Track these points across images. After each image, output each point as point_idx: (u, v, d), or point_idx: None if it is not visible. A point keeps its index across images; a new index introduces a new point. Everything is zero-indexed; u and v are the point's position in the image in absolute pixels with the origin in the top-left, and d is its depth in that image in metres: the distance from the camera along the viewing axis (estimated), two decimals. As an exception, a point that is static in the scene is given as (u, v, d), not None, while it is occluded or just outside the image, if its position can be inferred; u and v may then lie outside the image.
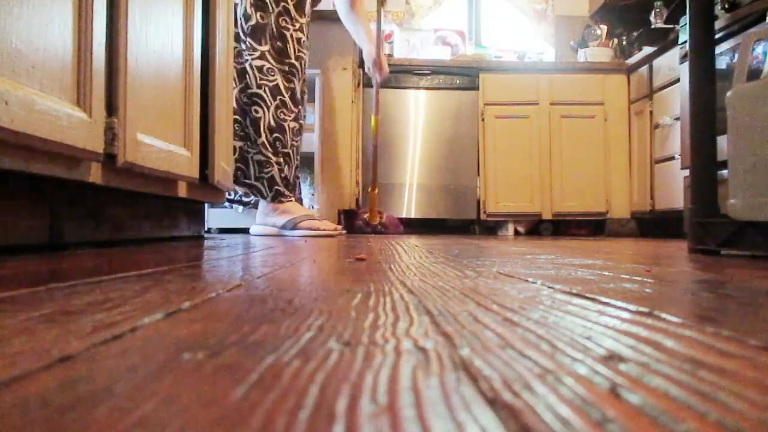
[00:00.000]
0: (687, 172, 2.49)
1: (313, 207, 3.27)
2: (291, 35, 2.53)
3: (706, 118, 1.35)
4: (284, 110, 2.52)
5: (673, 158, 2.97)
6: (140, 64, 1.21)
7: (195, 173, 1.59)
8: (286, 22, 2.51)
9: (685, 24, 1.67)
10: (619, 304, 0.45)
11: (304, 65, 2.62)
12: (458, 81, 3.45)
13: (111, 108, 1.11)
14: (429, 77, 3.43)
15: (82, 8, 0.98)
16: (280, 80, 2.51)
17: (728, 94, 1.22)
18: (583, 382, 0.23)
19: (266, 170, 2.52)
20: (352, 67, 3.24)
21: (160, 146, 1.33)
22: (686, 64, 1.96)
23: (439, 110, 3.44)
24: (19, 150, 0.86)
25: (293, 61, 2.55)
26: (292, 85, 2.54)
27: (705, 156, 1.35)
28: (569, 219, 3.50)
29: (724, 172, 1.23)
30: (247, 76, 2.48)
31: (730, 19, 2.31)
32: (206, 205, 2.64)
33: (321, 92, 3.35)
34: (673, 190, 2.96)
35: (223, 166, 1.91)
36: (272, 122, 2.50)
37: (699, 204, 1.33)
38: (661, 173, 3.14)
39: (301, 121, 2.63)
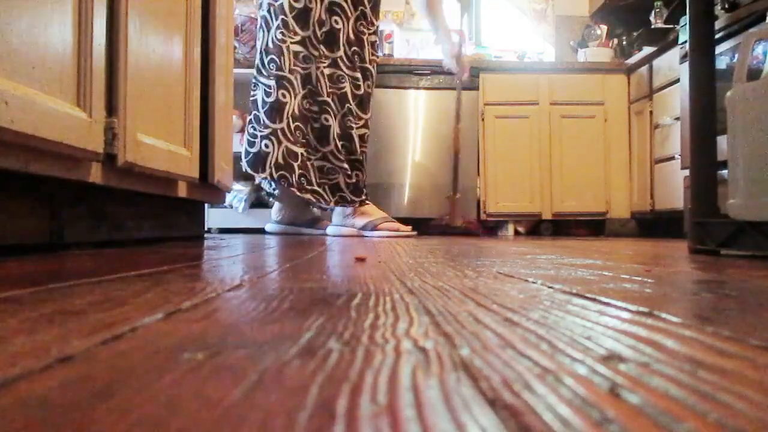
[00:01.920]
0: (687, 172, 2.49)
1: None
2: (367, 39, 2.54)
3: (706, 118, 1.35)
4: (350, 117, 2.53)
5: (673, 158, 2.97)
6: (140, 64, 1.21)
7: (195, 173, 1.59)
8: (363, 26, 2.52)
9: (685, 24, 1.67)
10: (619, 304, 0.45)
11: (375, 69, 2.63)
12: (458, 81, 3.45)
13: (111, 108, 1.11)
14: (429, 77, 3.43)
15: (82, 8, 0.98)
16: (348, 88, 2.51)
17: (728, 94, 1.22)
18: (583, 382, 0.23)
19: (331, 177, 2.54)
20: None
21: (160, 146, 1.33)
22: (686, 64, 1.96)
23: (439, 110, 3.43)
24: (19, 150, 0.86)
25: (367, 65, 2.56)
26: (360, 92, 2.54)
27: (705, 156, 1.35)
28: (569, 219, 3.50)
29: (724, 172, 1.23)
30: (318, 84, 2.48)
31: (730, 19, 2.31)
32: (206, 205, 2.64)
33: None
34: (673, 190, 2.96)
35: (223, 166, 1.91)
36: (339, 130, 2.51)
37: (699, 204, 1.33)
38: (661, 173, 3.14)
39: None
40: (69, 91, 0.96)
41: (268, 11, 2.51)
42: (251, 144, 2.55)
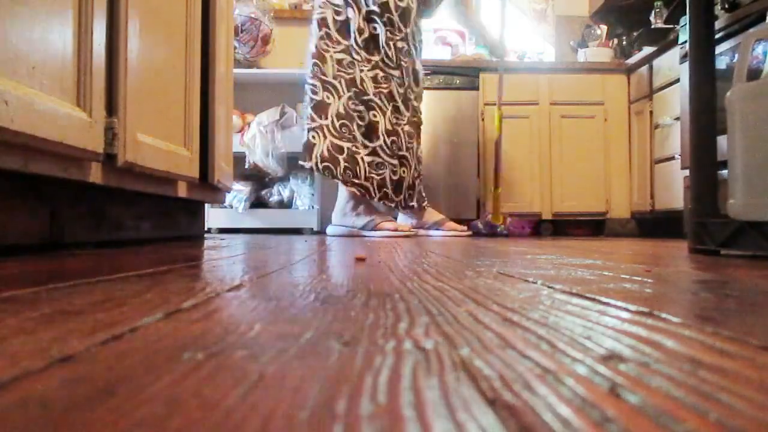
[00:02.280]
0: (687, 172, 2.49)
1: (313, 207, 3.27)
2: (394, 44, 2.68)
3: (706, 118, 1.35)
4: (398, 115, 2.68)
5: (673, 158, 2.97)
6: (140, 64, 1.22)
7: (195, 173, 1.59)
8: (391, 32, 2.67)
9: (685, 24, 1.67)
10: (619, 304, 0.45)
11: (409, 72, 2.76)
12: (458, 81, 3.45)
13: (111, 108, 1.11)
14: (429, 77, 3.43)
15: (83, 9, 0.98)
16: (394, 87, 2.67)
17: (728, 94, 1.22)
18: (583, 382, 0.23)
19: (380, 172, 2.65)
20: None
21: (160, 146, 1.33)
22: (686, 64, 1.96)
23: (439, 110, 3.43)
24: (19, 150, 0.86)
25: (397, 69, 2.70)
26: (402, 90, 2.70)
27: (705, 156, 1.35)
28: (569, 219, 3.50)
29: (724, 172, 1.23)
30: (363, 86, 2.63)
31: (730, 19, 2.31)
32: (206, 205, 2.64)
33: (321, 92, 3.34)
34: (673, 190, 2.96)
35: (223, 166, 1.91)
36: (388, 126, 2.64)
37: (699, 204, 1.33)
38: (661, 173, 3.14)
39: (416, 125, 2.79)
40: (69, 91, 0.96)
41: (315, 21, 2.72)
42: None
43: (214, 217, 3.16)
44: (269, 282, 0.60)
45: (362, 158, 2.64)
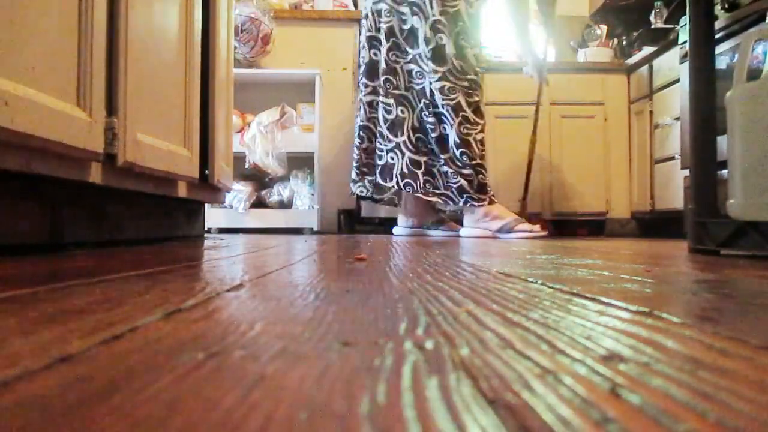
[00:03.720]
0: (687, 172, 2.49)
1: (313, 207, 3.27)
2: (468, 51, 2.69)
3: (706, 118, 1.35)
4: (467, 125, 2.66)
5: (673, 158, 2.97)
6: (140, 64, 1.21)
7: (195, 173, 1.59)
8: (464, 40, 2.66)
9: (685, 24, 1.67)
10: (619, 304, 0.45)
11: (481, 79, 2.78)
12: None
13: (111, 108, 1.11)
14: (429, 77, 3.42)
15: (83, 8, 0.98)
16: (461, 98, 2.65)
17: (728, 94, 1.22)
18: (583, 382, 0.23)
19: (453, 181, 2.68)
20: (352, 67, 3.23)
21: (160, 146, 1.33)
22: (686, 64, 1.96)
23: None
24: (19, 150, 0.86)
25: (473, 76, 2.70)
26: (473, 99, 2.69)
27: (705, 156, 1.35)
28: (569, 219, 3.50)
29: (724, 172, 1.23)
30: (434, 97, 2.64)
31: (730, 19, 2.31)
32: (206, 205, 2.64)
33: (321, 92, 3.35)
34: (673, 190, 2.96)
35: (223, 166, 1.91)
36: (457, 138, 2.64)
37: (699, 204, 1.33)
38: (661, 173, 3.14)
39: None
40: (69, 91, 0.96)
41: (378, 31, 2.72)
42: (379, 157, 2.77)
43: (214, 217, 3.16)
44: (269, 282, 0.60)
45: (438, 170, 2.67)
